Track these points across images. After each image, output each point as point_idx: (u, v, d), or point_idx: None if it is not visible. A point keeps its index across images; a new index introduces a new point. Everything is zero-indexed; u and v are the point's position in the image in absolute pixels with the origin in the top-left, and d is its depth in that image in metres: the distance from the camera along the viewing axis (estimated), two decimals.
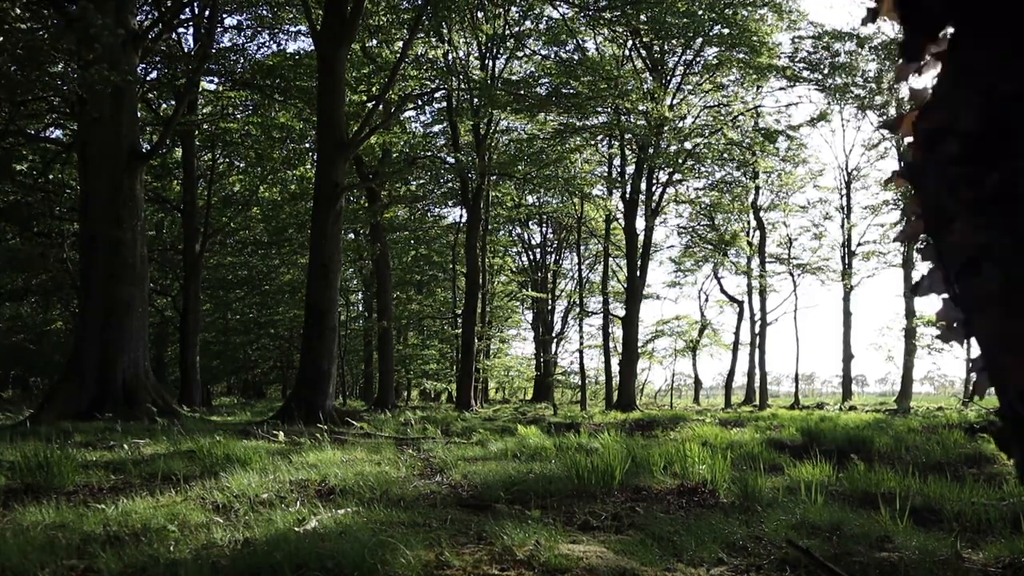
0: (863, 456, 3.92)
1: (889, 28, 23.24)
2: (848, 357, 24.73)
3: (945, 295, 0.93)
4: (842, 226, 25.85)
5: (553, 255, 32.24)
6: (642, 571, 1.60)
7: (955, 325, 0.92)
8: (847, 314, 24.93)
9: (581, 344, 25.18)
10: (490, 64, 18.33)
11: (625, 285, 21.98)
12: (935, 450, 4.09)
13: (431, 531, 2.01)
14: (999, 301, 0.84)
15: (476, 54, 18.59)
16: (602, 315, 24.35)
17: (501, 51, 18.35)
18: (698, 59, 18.90)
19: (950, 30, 0.97)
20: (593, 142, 20.49)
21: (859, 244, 25.69)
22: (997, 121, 0.91)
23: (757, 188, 25.25)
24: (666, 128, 19.26)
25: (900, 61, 1.02)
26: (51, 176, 14.34)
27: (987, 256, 0.85)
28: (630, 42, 18.68)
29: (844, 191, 25.77)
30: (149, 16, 12.77)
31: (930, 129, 0.95)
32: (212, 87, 17.34)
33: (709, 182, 23.58)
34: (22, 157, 13.77)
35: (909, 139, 0.98)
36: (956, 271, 0.89)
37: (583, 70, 16.42)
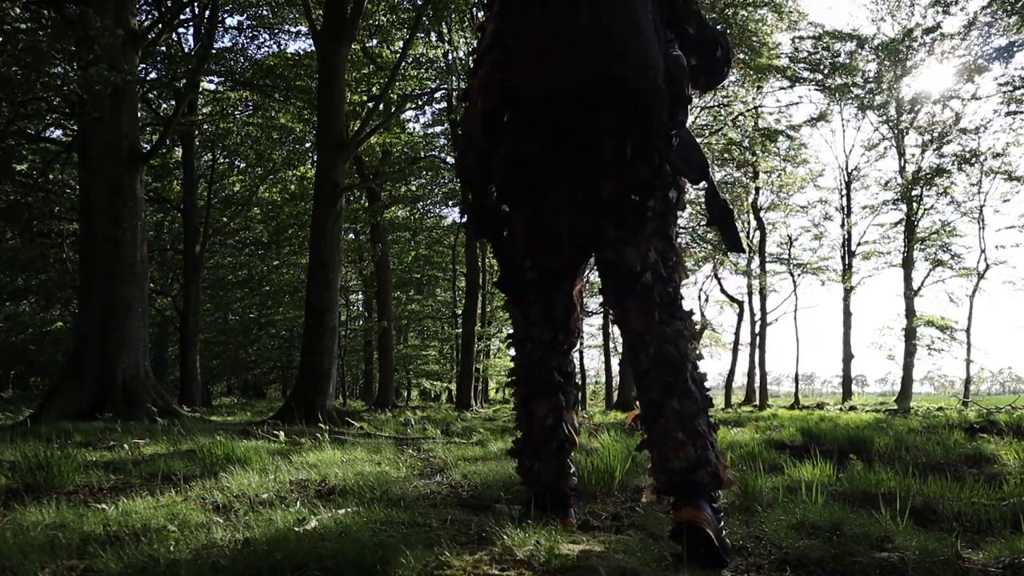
0: (863, 456, 3.92)
1: (889, 28, 23.27)
2: (848, 357, 24.73)
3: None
4: (842, 226, 25.87)
5: None
6: (642, 571, 1.60)
7: None
8: (847, 314, 24.93)
9: (581, 344, 25.17)
10: None
11: None
12: (935, 450, 4.08)
13: (431, 531, 2.01)
14: None
15: None
16: (602, 315, 24.34)
17: None
18: None
19: None
20: None
21: (859, 244, 25.72)
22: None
23: (757, 188, 25.24)
24: None
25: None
26: (51, 176, 14.33)
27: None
28: None
29: (844, 191, 25.79)
30: (149, 16, 12.77)
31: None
32: (212, 87, 17.35)
33: None
34: (22, 157, 13.76)
35: None
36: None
37: None
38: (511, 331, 2.33)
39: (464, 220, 2.24)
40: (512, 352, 2.31)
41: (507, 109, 2.03)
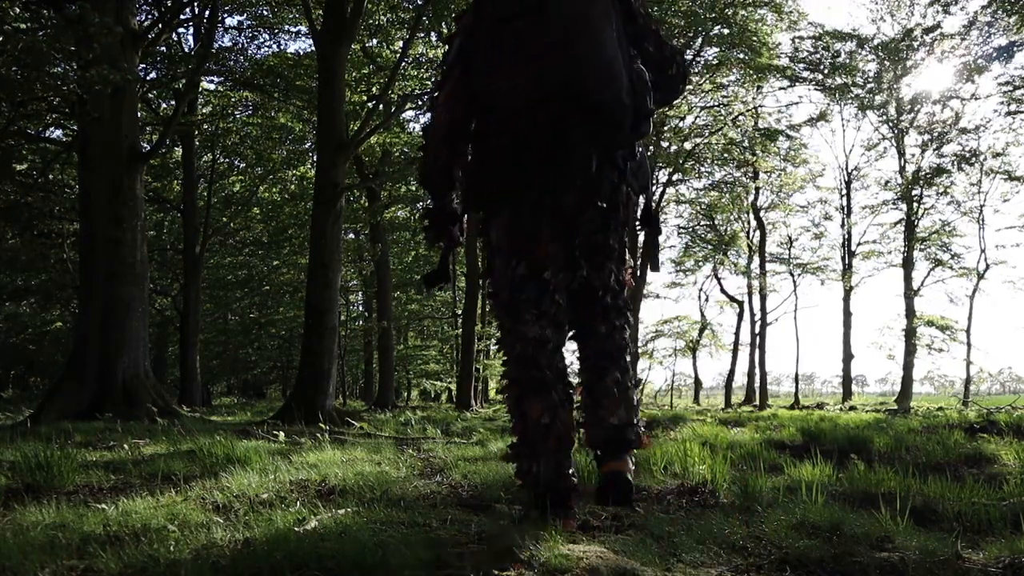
0: (863, 456, 3.92)
1: (889, 28, 23.26)
2: (848, 357, 24.72)
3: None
4: (842, 226, 25.87)
5: None
6: (642, 571, 1.60)
7: None
8: (847, 314, 24.92)
9: None
10: None
11: None
12: (935, 450, 4.08)
13: (431, 531, 2.01)
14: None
15: None
16: None
17: None
18: (698, 59, 18.91)
19: None
20: None
21: (859, 244, 25.71)
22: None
23: (757, 188, 25.25)
24: (666, 128, 19.26)
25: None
26: (51, 176, 14.33)
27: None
28: None
29: (844, 191, 25.78)
30: (149, 16, 12.77)
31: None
32: (212, 87, 17.35)
33: (709, 182, 23.57)
34: (22, 157, 13.75)
35: None
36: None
37: None
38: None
39: (424, 224, 2.36)
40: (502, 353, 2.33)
41: (473, 120, 2.18)
